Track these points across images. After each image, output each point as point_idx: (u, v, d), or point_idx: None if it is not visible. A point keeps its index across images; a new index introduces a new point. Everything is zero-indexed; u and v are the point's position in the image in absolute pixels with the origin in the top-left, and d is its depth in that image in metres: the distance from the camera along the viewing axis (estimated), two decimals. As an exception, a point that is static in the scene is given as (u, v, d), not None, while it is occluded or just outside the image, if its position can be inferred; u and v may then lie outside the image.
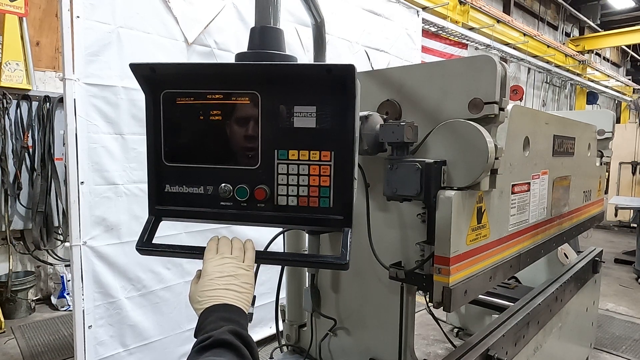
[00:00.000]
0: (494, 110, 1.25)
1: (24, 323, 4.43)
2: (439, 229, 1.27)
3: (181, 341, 3.23)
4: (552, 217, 2.00)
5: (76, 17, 2.55)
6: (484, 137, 1.23)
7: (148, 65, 0.98)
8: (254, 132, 0.99)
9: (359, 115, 1.03)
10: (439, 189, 1.27)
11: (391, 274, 1.42)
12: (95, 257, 2.74)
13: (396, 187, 1.29)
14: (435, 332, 3.94)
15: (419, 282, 1.37)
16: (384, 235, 1.50)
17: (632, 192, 9.74)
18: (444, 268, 1.26)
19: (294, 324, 1.94)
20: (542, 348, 2.07)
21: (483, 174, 1.26)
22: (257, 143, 0.99)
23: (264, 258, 1.11)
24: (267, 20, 1.10)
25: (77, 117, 2.61)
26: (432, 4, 7.66)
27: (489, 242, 1.47)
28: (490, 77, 1.26)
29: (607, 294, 5.39)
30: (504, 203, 1.56)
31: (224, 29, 3.27)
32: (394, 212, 1.48)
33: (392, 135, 1.26)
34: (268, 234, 1.68)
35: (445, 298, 1.27)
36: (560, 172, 2.05)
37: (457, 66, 1.36)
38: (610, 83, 16.11)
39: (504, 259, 1.59)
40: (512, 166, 1.56)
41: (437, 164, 1.26)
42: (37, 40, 4.87)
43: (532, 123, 1.73)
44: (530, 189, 1.74)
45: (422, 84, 1.41)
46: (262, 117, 0.99)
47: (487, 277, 1.47)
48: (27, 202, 4.54)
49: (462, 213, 1.29)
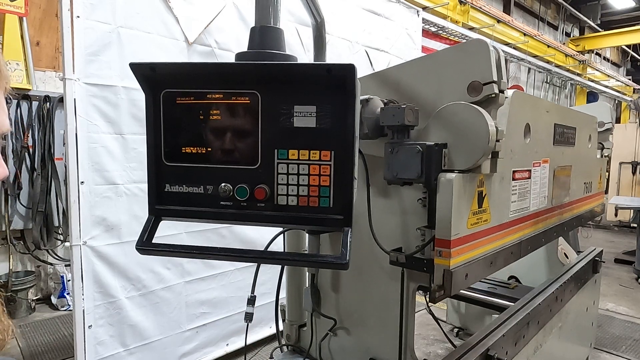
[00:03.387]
0: (493, 90, 1.26)
1: (24, 323, 4.44)
2: (440, 211, 1.27)
3: (181, 341, 3.23)
4: (553, 206, 2.00)
5: (76, 17, 2.55)
6: (484, 119, 1.23)
7: (148, 64, 0.98)
8: (254, 131, 0.99)
9: (360, 100, 1.03)
10: (439, 171, 1.27)
11: (391, 258, 1.42)
12: (95, 257, 2.74)
13: (397, 170, 1.28)
14: (435, 332, 3.94)
15: (420, 267, 1.37)
16: (385, 221, 1.49)
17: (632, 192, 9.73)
18: (444, 251, 1.26)
19: (294, 324, 1.94)
20: (542, 348, 2.07)
21: (484, 157, 1.26)
22: (257, 143, 0.99)
23: (264, 258, 1.11)
24: (267, 20, 1.10)
25: (77, 116, 2.61)
26: (433, 4, 7.67)
27: (490, 227, 1.47)
28: (485, 59, 1.26)
29: (607, 294, 5.39)
30: (505, 189, 1.56)
31: (224, 28, 3.27)
32: (394, 198, 1.48)
33: (393, 118, 1.25)
34: (268, 233, 1.68)
35: (446, 281, 1.27)
36: (561, 161, 2.05)
37: (450, 54, 1.36)
38: (610, 83, 16.11)
39: (505, 245, 1.59)
40: (513, 152, 1.56)
41: (438, 146, 1.26)
42: (37, 40, 4.87)
43: (533, 110, 1.73)
44: (531, 176, 1.74)
45: (418, 78, 1.41)
46: (262, 116, 0.99)
47: (487, 262, 1.47)
48: (27, 201, 4.54)
49: (463, 196, 1.29)
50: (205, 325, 3.37)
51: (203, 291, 3.31)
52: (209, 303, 3.36)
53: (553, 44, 12.31)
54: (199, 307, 3.31)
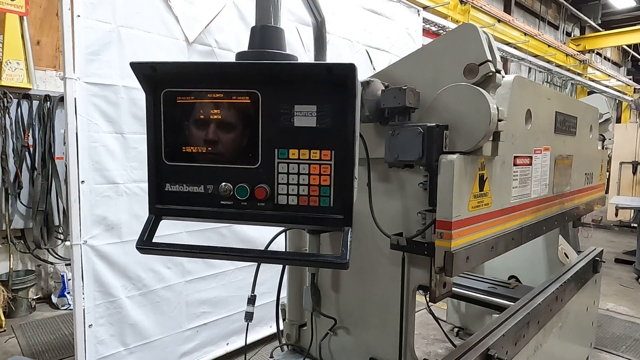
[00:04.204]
0: (489, 68, 1.26)
1: (25, 322, 4.44)
2: (441, 193, 1.27)
3: (181, 340, 3.23)
4: (554, 194, 2.01)
5: (77, 16, 2.55)
6: (485, 98, 1.23)
7: (149, 64, 0.98)
8: (254, 131, 0.99)
9: (360, 82, 1.03)
10: (441, 153, 1.27)
11: (392, 241, 1.42)
12: (95, 256, 2.74)
13: (398, 152, 1.28)
14: (435, 332, 3.94)
15: (421, 250, 1.37)
16: (385, 206, 1.49)
17: (632, 192, 9.73)
18: (445, 232, 1.26)
19: (295, 323, 1.94)
20: (542, 348, 2.07)
21: (485, 137, 1.26)
22: (258, 142, 1.00)
23: (264, 257, 1.11)
24: (267, 20, 1.10)
25: (77, 116, 2.61)
26: (433, 4, 7.66)
27: (491, 211, 1.48)
28: (477, 40, 1.27)
29: (608, 294, 5.39)
30: (506, 174, 1.56)
31: (224, 28, 3.27)
32: (394, 182, 1.49)
33: (394, 100, 1.26)
34: (268, 233, 1.69)
35: (447, 263, 1.27)
36: (562, 150, 2.05)
37: (442, 43, 1.38)
38: (611, 83, 16.10)
39: (506, 230, 1.59)
40: (514, 137, 1.56)
41: (439, 128, 1.26)
42: (37, 39, 4.87)
43: (534, 96, 1.73)
44: (532, 163, 1.75)
45: (414, 71, 1.41)
46: (262, 116, 0.99)
47: (488, 247, 1.47)
48: (28, 201, 4.54)
49: (464, 177, 1.29)
50: (206, 324, 3.37)
51: (203, 290, 3.31)
52: (209, 302, 3.36)
53: (553, 44, 12.30)
54: (200, 306, 3.31)
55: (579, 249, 3.31)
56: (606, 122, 2.80)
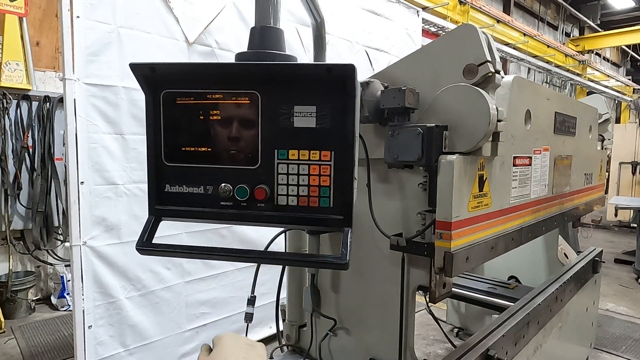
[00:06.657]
0: (489, 69, 1.26)
1: (24, 323, 4.43)
2: (441, 193, 1.27)
3: (181, 341, 3.23)
4: (553, 195, 2.01)
5: (76, 17, 2.55)
6: (485, 99, 1.23)
7: (148, 65, 0.98)
8: (254, 132, 0.99)
9: (359, 82, 1.03)
10: (440, 153, 1.27)
11: (392, 242, 1.42)
12: (95, 257, 2.74)
13: (397, 153, 1.29)
14: (435, 332, 3.95)
15: (420, 251, 1.37)
16: (385, 207, 1.49)
17: (632, 192, 9.74)
18: (445, 233, 1.27)
19: (294, 324, 1.94)
20: (542, 348, 2.07)
21: (485, 138, 1.27)
22: (257, 143, 0.99)
23: (264, 258, 1.11)
24: (267, 20, 1.10)
25: (77, 117, 2.61)
26: (432, 4, 7.67)
27: (491, 211, 1.48)
28: (476, 41, 1.27)
29: (607, 294, 5.39)
30: (506, 174, 1.57)
31: (224, 28, 3.27)
32: (394, 183, 1.49)
33: (394, 101, 1.26)
34: (268, 233, 1.68)
35: (447, 263, 1.27)
36: (562, 150, 2.06)
37: (441, 43, 1.37)
38: (610, 83, 16.12)
39: (506, 231, 1.60)
40: (514, 137, 1.56)
41: (438, 128, 1.26)
42: (37, 40, 4.87)
43: (534, 96, 1.73)
44: (532, 163, 1.75)
45: (413, 72, 1.41)
46: (262, 116, 0.98)
47: (488, 247, 1.48)
48: (27, 202, 4.54)
49: (463, 178, 1.29)
50: (206, 325, 3.37)
51: (203, 291, 3.31)
52: (209, 303, 3.36)
53: (553, 44, 12.32)
54: (199, 307, 3.31)
55: (579, 249, 3.31)
56: (605, 123, 2.80)
